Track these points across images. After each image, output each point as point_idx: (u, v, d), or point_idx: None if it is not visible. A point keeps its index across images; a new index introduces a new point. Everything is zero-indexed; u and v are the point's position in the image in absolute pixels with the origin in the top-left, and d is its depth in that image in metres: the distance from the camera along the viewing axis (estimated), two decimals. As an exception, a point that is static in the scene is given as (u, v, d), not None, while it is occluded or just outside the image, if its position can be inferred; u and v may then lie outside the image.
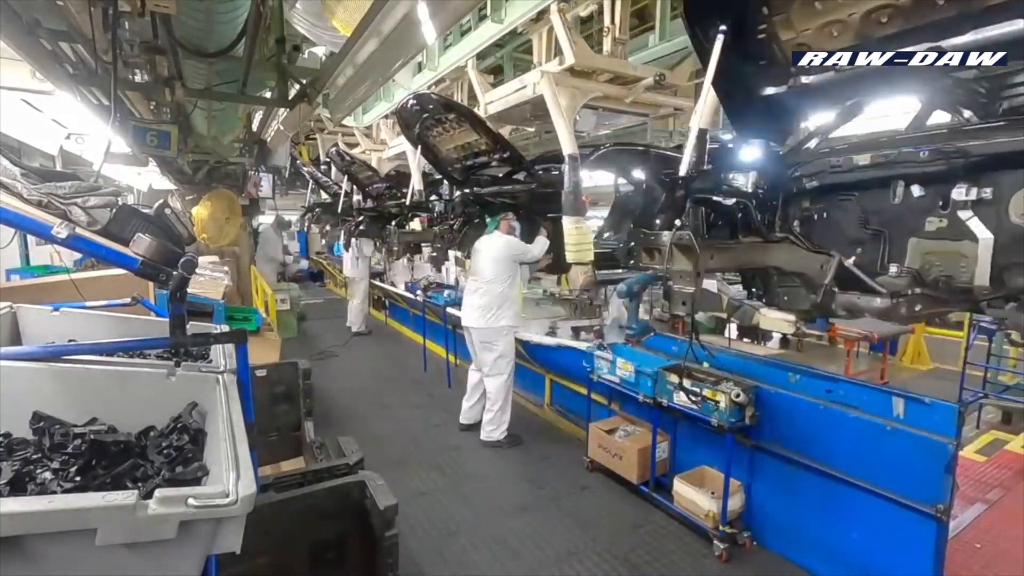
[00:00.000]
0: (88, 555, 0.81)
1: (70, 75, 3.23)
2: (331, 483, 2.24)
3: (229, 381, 1.40)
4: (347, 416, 5.20)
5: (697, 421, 3.15)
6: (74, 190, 1.82)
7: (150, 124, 4.23)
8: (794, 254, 2.09)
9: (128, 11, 2.58)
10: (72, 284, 2.57)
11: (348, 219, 8.44)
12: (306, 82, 3.77)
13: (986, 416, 5.32)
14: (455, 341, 6.30)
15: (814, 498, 2.90)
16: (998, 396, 5.22)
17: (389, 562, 2.09)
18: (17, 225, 1.39)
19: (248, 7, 3.14)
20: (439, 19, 2.35)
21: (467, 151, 4.81)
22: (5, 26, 2.49)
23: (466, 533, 3.26)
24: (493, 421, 4.47)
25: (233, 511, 0.88)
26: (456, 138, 4.71)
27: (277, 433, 3.55)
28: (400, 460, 4.18)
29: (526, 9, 3.80)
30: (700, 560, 3.00)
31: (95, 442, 1.12)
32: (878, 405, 2.67)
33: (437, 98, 4.43)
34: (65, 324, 1.87)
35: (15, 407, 1.19)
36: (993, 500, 3.78)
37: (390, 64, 3.09)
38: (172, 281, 1.31)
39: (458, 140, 4.72)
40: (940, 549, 2.46)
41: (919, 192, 1.89)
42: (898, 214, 1.98)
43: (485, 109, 4.98)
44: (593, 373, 3.91)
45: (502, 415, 4.48)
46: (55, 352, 1.35)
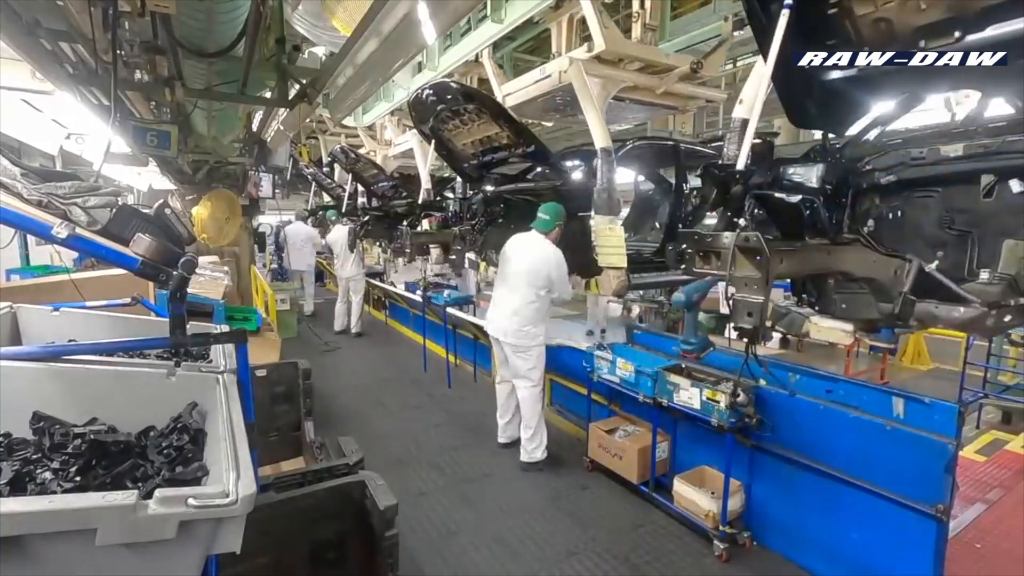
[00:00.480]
0: (88, 555, 0.81)
1: (70, 75, 3.23)
2: (331, 483, 2.24)
3: (229, 381, 1.40)
4: (347, 416, 5.20)
5: (697, 421, 3.15)
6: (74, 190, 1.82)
7: (150, 124, 4.22)
8: (865, 257, 1.90)
9: (128, 11, 2.58)
10: (72, 284, 2.57)
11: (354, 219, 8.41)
12: (306, 82, 3.77)
13: (986, 416, 5.32)
14: (455, 341, 6.30)
15: (814, 498, 2.90)
16: (998, 396, 5.22)
17: (389, 562, 2.09)
18: (17, 225, 1.39)
19: (248, 7, 3.14)
20: (439, 19, 2.35)
21: (485, 146, 4.45)
22: (5, 26, 2.49)
23: (466, 533, 3.27)
24: (533, 439, 4.09)
25: (233, 511, 0.88)
26: (474, 132, 4.35)
27: (277, 433, 3.55)
28: (400, 460, 4.18)
29: (526, 9, 3.79)
30: (700, 560, 3.00)
31: (95, 442, 1.12)
32: (878, 405, 2.67)
33: (457, 87, 4.02)
34: (65, 324, 1.87)
35: (15, 407, 1.19)
36: (993, 500, 3.78)
37: (390, 64, 3.09)
38: (172, 281, 1.32)
39: (476, 134, 4.37)
40: (940, 549, 2.46)
41: (1019, 188, 1.67)
42: (991, 213, 1.76)
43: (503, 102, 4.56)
44: (593, 373, 3.91)
45: (540, 429, 4.12)
46: (55, 352, 1.35)
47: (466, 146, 4.57)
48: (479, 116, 4.03)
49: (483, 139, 4.34)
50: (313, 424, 3.63)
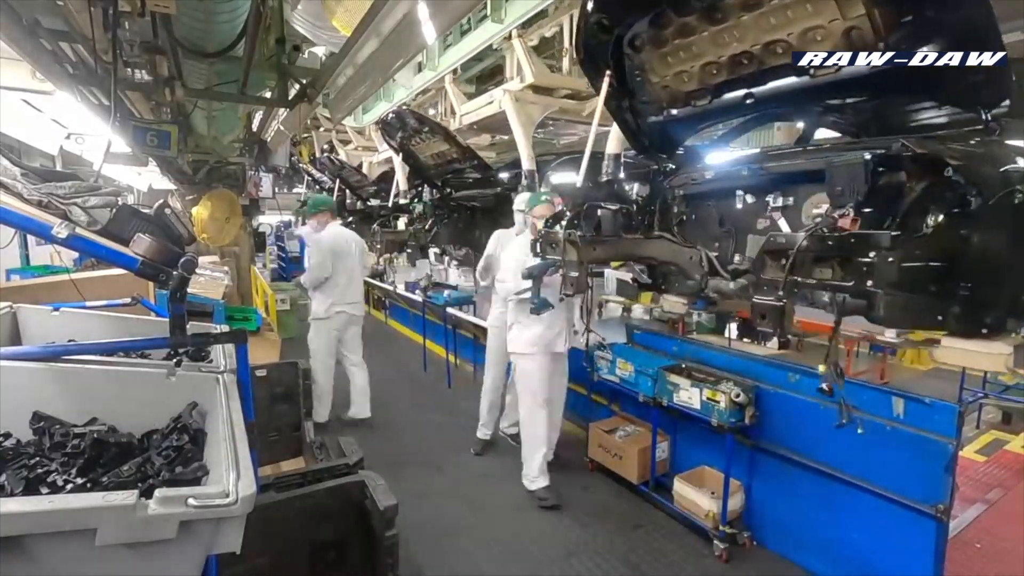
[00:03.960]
0: (88, 555, 0.81)
1: (70, 75, 3.23)
2: (331, 483, 2.23)
3: (229, 381, 1.40)
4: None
5: (697, 421, 3.15)
6: (74, 190, 1.83)
7: (150, 124, 4.22)
8: (667, 247, 2.48)
9: (128, 11, 2.58)
10: (72, 284, 2.56)
11: None
12: (306, 82, 3.77)
13: (986, 416, 5.33)
14: (455, 341, 6.29)
15: (814, 498, 2.90)
16: (998, 396, 5.21)
17: (389, 562, 2.09)
18: (17, 225, 1.39)
19: (248, 7, 3.14)
20: (439, 19, 2.35)
21: (443, 159, 5.55)
22: (5, 26, 2.49)
23: (466, 533, 3.26)
24: None
25: (233, 511, 0.88)
26: (432, 147, 5.44)
27: (277, 433, 3.55)
28: (400, 460, 4.18)
29: (526, 9, 3.81)
30: (700, 560, 3.00)
31: (95, 442, 1.12)
32: (878, 405, 2.67)
33: (412, 113, 5.25)
34: (65, 324, 1.87)
35: (15, 407, 1.19)
36: (993, 500, 3.78)
37: (390, 64, 3.09)
38: (172, 281, 1.31)
39: (434, 148, 5.46)
40: (940, 549, 2.46)
41: (751, 199, 2.40)
42: (740, 216, 2.46)
43: (461, 120, 5.81)
44: (593, 373, 3.91)
45: None
46: (55, 352, 1.35)
47: (427, 158, 5.73)
48: (433, 135, 5.17)
49: (439, 153, 5.48)
50: (313, 424, 3.63)
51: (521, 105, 4.64)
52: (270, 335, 5.79)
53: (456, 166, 5.53)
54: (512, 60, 4.90)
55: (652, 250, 2.56)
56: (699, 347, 3.75)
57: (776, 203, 2.27)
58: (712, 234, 2.61)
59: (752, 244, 2.37)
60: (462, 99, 5.82)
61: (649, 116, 2.62)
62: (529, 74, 4.46)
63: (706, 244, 2.49)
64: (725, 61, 2.14)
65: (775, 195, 2.27)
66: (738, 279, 2.25)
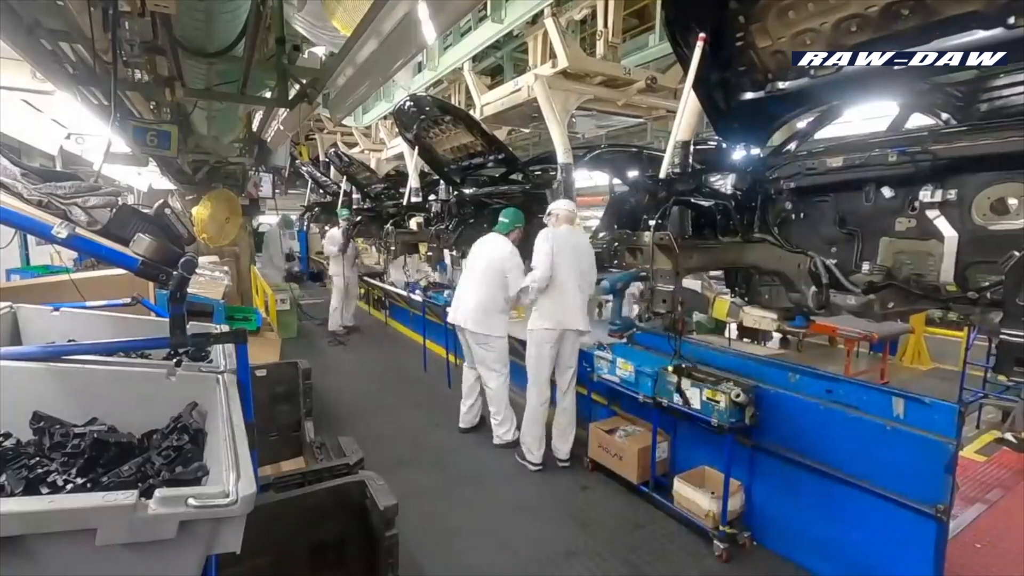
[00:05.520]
0: (88, 555, 0.81)
1: (70, 75, 3.22)
2: (331, 483, 2.24)
3: (229, 381, 1.40)
4: (347, 416, 5.20)
5: (697, 421, 3.15)
6: (74, 190, 1.83)
7: (150, 124, 4.22)
8: (772, 254, 2.17)
9: (128, 11, 2.58)
10: (72, 284, 2.57)
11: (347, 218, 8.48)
12: (306, 82, 3.77)
13: (986, 416, 5.32)
14: (455, 341, 6.29)
15: (814, 498, 2.90)
16: (998, 396, 5.21)
17: (389, 562, 2.09)
18: (17, 225, 1.39)
19: (248, 7, 3.14)
20: (439, 19, 2.35)
21: (463, 152, 4.95)
22: (5, 26, 2.49)
23: (466, 533, 3.26)
24: (503, 423, 4.40)
25: (233, 511, 0.88)
26: (452, 139, 4.86)
27: (277, 433, 3.55)
28: (400, 460, 4.18)
29: (526, 9, 3.82)
30: (700, 560, 3.00)
31: (95, 442, 1.12)
32: (878, 405, 2.67)
33: (433, 100, 4.58)
34: (65, 324, 1.86)
35: (15, 407, 1.19)
36: (993, 500, 3.78)
37: (390, 64, 3.10)
38: (172, 281, 1.31)
39: (454, 141, 4.87)
40: (940, 549, 2.45)
41: (890, 193, 1.97)
42: (871, 214, 2.05)
43: (481, 111, 5.17)
44: (593, 373, 3.91)
45: (509, 415, 4.40)
46: (55, 352, 1.35)
47: (446, 152, 5.10)
48: (455, 126, 4.55)
49: (461, 146, 4.87)
50: (313, 424, 3.63)
51: (554, 92, 4.15)
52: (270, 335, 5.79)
53: (478, 160, 5.00)
54: (535, 46, 4.55)
55: (756, 256, 2.21)
56: (700, 347, 3.75)
57: (933, 198, 1.83)
58: (826, 237, 2.18)
59: (885, 249, 1.98)
60: (483, 88, 5.29)
61: (745, 92, 2.13)
62: (563, 58, 3.98)
63: (819, 249, 2.12)
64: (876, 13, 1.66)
65: (931, 188, 1.83)
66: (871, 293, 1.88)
